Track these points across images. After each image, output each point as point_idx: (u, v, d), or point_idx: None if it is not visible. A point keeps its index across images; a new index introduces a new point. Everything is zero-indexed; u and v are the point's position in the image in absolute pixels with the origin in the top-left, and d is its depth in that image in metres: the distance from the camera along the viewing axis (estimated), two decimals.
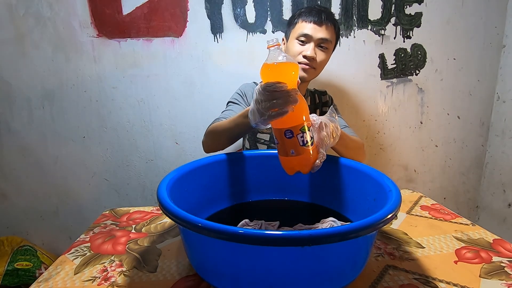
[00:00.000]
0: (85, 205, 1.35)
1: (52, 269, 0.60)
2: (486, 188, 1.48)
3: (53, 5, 1.16)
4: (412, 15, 1.26)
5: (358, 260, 0.49)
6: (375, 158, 1.40)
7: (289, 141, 0.57)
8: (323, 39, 0.89)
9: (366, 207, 0.60)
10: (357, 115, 1.35)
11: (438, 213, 0.80)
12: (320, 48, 0.90)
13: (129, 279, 0.56)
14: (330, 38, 0.90)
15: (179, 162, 1.31)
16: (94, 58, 1.21)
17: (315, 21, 0.88)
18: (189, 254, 0.55)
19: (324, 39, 0.89)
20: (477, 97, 1.39)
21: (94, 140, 1.29)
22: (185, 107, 1.28)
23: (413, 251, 0.63)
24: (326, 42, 0.89)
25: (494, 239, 0.67)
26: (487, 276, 0.55)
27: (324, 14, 0.89)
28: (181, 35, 1.21)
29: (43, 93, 1.23)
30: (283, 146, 0.59)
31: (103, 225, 0.77)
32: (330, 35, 0.90)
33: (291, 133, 0.57)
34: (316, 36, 0.88)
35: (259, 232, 0.40)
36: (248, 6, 1.20)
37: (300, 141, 0.57)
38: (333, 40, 0.92)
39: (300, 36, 0.89)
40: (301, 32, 0.89)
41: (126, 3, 1.16)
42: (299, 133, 0.56)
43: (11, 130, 1.26)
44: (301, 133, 0.57)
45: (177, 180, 0.60)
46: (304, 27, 0.89)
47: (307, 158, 0.59)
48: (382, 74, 1.32)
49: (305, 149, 0.57)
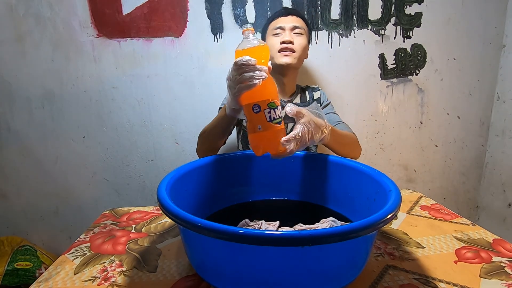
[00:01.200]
0: (85, 205, 1.35)
1: (52, 269, 0.60)
2: (486, 188, 1.48)
3: (53, 5, 1.16)
4: (412, 15, 1.26)
5: (358, 260, 0.49)
6: (375, 158, 1.40)
7: (256, 116, 0.59)
8: (295, 26, 0.95)
9: (366, 207, 0.60)
10: (357, 115, 1.35)
11: (438, 213, 0.80)
12: (296, 33, 0.96)
13: (129, 279, 0.56)
14: (300, 25, 0.96)
15: (179, 162, 1.31)
16: (94, 58, 1.21)
17: (281, 15, 0.97)
18: (189, 254, 0.55)
19: (295, 26, 0.95)
20: (477, 97, 1.39)
21: (94, 140, 1.29)
22: (185, 107, 1.28)
23: (413, 251, 0.63)
24: (298, 28, 0.96)
25: (494, 239, 0.67)
26: (487, 276, 0.55)
27: (289, 10, 1.00)
28: (181, 35, 1.21)
29: (43, 93, 1.23)
30: (251, 122, 0.61)
31: (103, 225, 0.77)
32: (300, 23, 0.97)
33: (258, 107, 0.59)
34: (288, 24, 0.95)
35: (259, 232, 0.40)
36: (248, 6, 1.20)
37: (267, 116, 0.59)
38: (304, 27, 0.98)
39: (275, 30, 0.96)
40: (274, 27, 0.96)
41: (126, 3, 1.16)
42: (266, 108, 0.59)
43: (11, 130, 1.26)
44: (269, 109, 0.59)
45: (177, 180, 0.60)
46: (275, 22, 0.97)
47: (274, 136, 0.60)
48: (382, 74, 1.32)
49: (272, 125, 0.59)
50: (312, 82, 1.28)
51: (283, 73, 0.98)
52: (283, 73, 0.98)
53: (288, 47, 0.93)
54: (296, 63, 0.96)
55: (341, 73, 1.29)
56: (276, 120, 0.59)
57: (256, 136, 0.61)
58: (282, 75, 0.99)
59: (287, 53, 0.93)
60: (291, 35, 0.94)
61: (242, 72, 0.58)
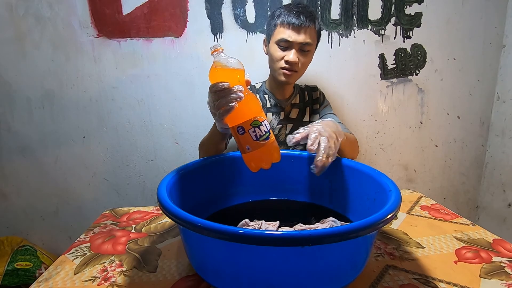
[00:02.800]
0: (85, 205, 1.35)
1: (52, 269, 0.60)
2: (486, 188, 1.48)
3: (53, 5, 1.16)
4: (412, 15, 1.26)
5: (358, 260, 0.49)
6: (375, 158, 1.40)
7: (243, 138, 0.59)
8: (304, 43, 0.86)
9: (366, 207, 0.60)
10: (357, 115, 1.35)
11: (438, 213, 0.80)
12: (302, 51, 0.89)
13: (129, 279, 0.56)
14: (311, 41, 0.87)
15: (179, 162, 1.31)
16: (94, 58, 1.21)
17: (293, 26, 0.85)
18: (189, 254, 0.55)
19: (304, 43, 0.87)
20: (477, 97, 1.39)
21: (94, 140, 1.29)
22: (185, 107, 1.28)
23: (413, 251, 0.63)
24: (307, 45, 0.87)
25: (494, 239, 0.68)
26: (487, 276, 0.55)
27: (303, 15, 0.85)
28: (181, 35, 1.21)
29: (43, 93, 1.23)
30: (239, 144, 0.61)
31: (103, 225, 0.77)
32: (310, 37, 0.87)
33: (242, 129, 0.59)
34: (297, 41, 0.86)
35: (259, 232, 0.40)
36: (248, 6, 1.19)
37: (252, 136, 0.59)
38: (314, 41, 0.90)
39: (280, 42, 0.87)
40: (281, 38, 0.86)
41: (126, 3, 1.16)
42: (250, 128, 0.58)
43: (11, 130, 1.26)
44: (253, 128, 0.58)
45: (177, 180, 0.61)
46: (283, 32, 0.86)
47: (264, 152, 0.60)
48: (382, 74, 1.32)
49: (259, 143, 0.59)
50: (312, 82, 1.28)
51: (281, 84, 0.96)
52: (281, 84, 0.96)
53: (291, 69, 0.88)
54: (294, 80, 0.95)
55: (341, 73, 1.29)
56: (263, 137, 0.59)
57: (247, 156, 0.61)
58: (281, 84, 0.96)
59: (289, 74, 0.89)
60: (297, 55, 0.87)
61: (218, 98, 0.59)
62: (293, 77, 0.91)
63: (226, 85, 0.57)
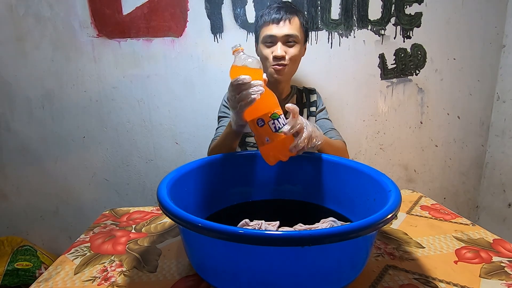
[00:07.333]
0: (85, 205, 1.35)
1: (52, 269, 0.60)
2: (486, 188, 1.48)
3: (53, 5, 1.16)
4: (412, 15, 1.26)
5: (358, 260, 0.49)
6: (375, 158, 1.40)
7: (262, 130, 0.62)
8: (288, 35, 0.87)
9: (366, 207, 0.60)
10: (357, 115, 1.35)
11: (438, 213, 0.80)
12: (288, 44, 0.89)
13: (129, 279, 0.56)
14: (295, 32, 0.88)
15: (179, 162, 1.31)
16: (94, 58, 1.21)
17: (274, 20, 0.87)
18: (189, 254, 0.55)
19: (288, 35, 0.88)
20: (477, 97, 1.39)
21: (94, 140, 1.29)
22: (185, 107, 1.28)
23: (413, 251, 0.63)
24: (292, 37, 0.88)
25: (494, 239, 0.68)
26: (487, 276, 0.55)
27: (283, 9, 0.88)
28: (181, 35, 1.21)
29: (43, 93, 1.23)
30: (259, 136, 0.64)
31: (103, 225, 0.77)
32: (294, 29, 0.88)
33: (262, 121, 0.62)
34: (280, 35, 0.87)
35: (259, 232, 0.40)
36: (248, 6, 1.19)
37: (272, 128, 0.62)
38: (299, 32, 0.90)
39: (266, 39, 0.89)
40: (265, 35, 0.89)
41: (126, 3, 1.16)
42: (269, 120, 0.62)
43: (11, 130, 1.26)
44: (272, 120, 0.62)
45: (177, 180, 0.60)
46: (266, 29, 0.89)
47: (283, 144, 0.63)
48: (382, 74, 1.32)
49: (278, 135, 0.62)
50: (312, 82, 1.28)
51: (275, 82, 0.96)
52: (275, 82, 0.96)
53: (279, 63, 0.89)
54: (287, 76, 0.95)
55: (341, 73, 1.29)
56: (282, 129, 0.62)
57: (266, 148, 0.64)
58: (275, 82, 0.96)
59: (279, 69, 0.90)
60: (283, 48, 0.88)
61: (239, 91, 0.62)
62: (284, 71, 0.91)
63: (248, 78, 0.60)
